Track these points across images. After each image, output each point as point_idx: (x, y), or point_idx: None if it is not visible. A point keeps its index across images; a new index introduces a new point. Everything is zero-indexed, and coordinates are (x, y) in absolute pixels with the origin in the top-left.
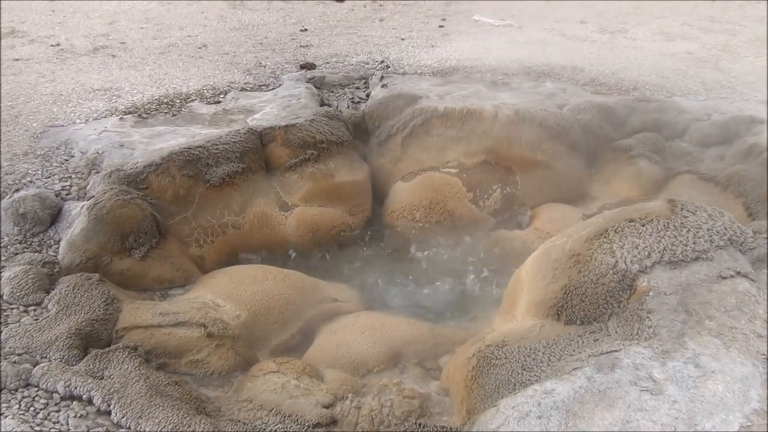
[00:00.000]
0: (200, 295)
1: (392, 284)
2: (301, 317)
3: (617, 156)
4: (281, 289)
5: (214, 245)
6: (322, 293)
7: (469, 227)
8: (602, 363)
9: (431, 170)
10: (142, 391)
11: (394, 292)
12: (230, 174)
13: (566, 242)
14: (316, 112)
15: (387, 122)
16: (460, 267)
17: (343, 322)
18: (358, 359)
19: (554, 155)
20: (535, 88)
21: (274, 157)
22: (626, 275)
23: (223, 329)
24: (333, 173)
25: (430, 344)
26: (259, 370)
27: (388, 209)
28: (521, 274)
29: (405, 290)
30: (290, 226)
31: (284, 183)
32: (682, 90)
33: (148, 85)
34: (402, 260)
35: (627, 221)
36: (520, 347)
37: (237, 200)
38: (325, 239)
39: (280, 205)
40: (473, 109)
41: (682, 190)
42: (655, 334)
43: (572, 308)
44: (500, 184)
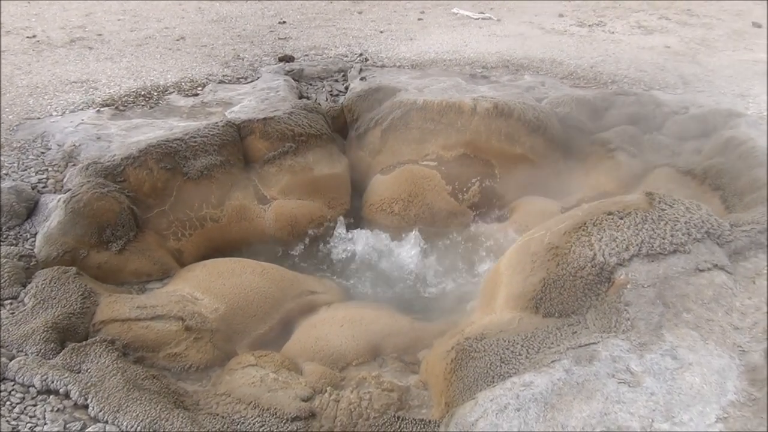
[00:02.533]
0: (178, 288)
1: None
2: (280, 310)
3: (596, 149)
4: (259, 282)
5: (192, 238)
6: (300, 286)
7: (448, 220)
8: (580, 355)
9: (410, 163)
10: (119, 385)
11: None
12: (208, 167)
13: (545, 235)
14: (294, 104)
15: (366, 115)
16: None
17: (322, 315)
18: (337, 352)
19: (533, 148)
20: (513, 82)
21: (253, 150)
22: (604, 268)
23: (202, 323)
24: (311, 166)
25: (409, 337)
26: (237, 363)
27: (366, 202)
28: (500, 267)
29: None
30: (269, 219)
31: (263, 176)
32: (659, 83)
33: (125, 77)
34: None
35: (605, 214)
36: (498, 340)
37: (215, 193)
38: (303, 232)
39: (259, 198)
40: (452, 102)
41: (660, 183)
42: (632, 327)
43: (551, 301)
44: (479, 178)
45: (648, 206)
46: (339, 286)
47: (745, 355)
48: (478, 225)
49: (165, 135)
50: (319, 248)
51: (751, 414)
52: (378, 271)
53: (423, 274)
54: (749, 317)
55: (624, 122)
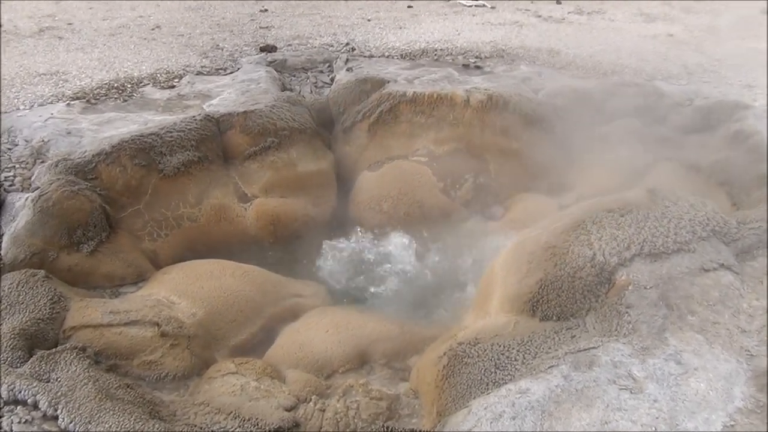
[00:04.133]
0: (154, 292)
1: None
2: (262, 315)
3: (595, 143)
4: (240, 285)
5: (168, 239)
6: (284, 289)
7: (441, 218)
8: (579, 361)
9: (400, 159)
10: (91, 395)
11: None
12: (185, 163)
13: (542, 234)
14: (277, 97)
15: (352, 108)
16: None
17: (306, 319)
18: (323, 359)
19: (529, 143)
20: (509, 72)
21: (233, 146)
22: (604, 268)
23: (178, 328)
24: (295, 162)
25: (398, 343)
26: (216, 371)
27: (354, 200)
28: (495, 268)
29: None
30: (250, 219)
31: (243, 173)
32: (663, 74)
33: (97, 68)
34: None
35: (605, 212)
36: (493, 345)
37: (193, 191)
38: (286, 232)
39: (239, 197)
40: (444, 94)
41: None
42: (634, 330)
43: (548, 303)
44: (473, 174)
45: (650, 203)
46: (325, 290)
47: (753, 359)
48: (471, 224)
49: (139, 130)
50: (303, 249)
51: (760, 421)
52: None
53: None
54: (757, 320)
55: (625, 115)
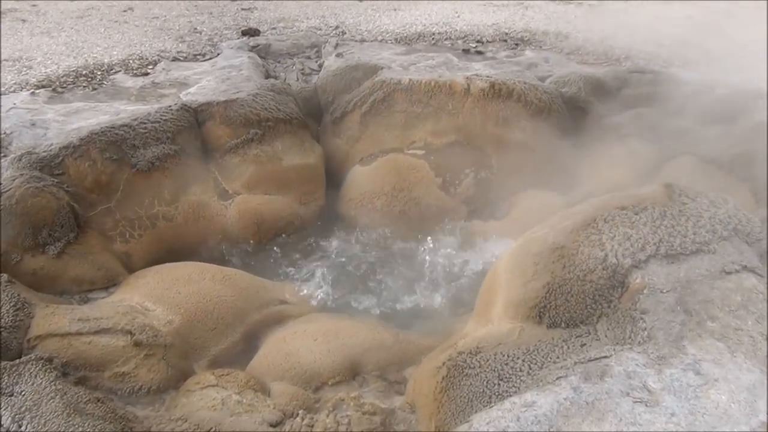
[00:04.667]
0: (126, 297)
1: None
2: (244, 322)
3: (607, 135)
4: (221, 290)
5: (142, 240)
6: (268, 294)
7: (439, 217)
8: (590, 371)
9: (394, 152)
10: (58, 410)
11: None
12: (160, 157)
13: (549, 234)
14: (260, 85)
15: (343, 97)
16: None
17: (292, 327)
18: (311, 370)
19: (535, 134)
20: (513, 58)
21: (212, 138)
22: (617, 271)
23: (153, 337)
24: (280, 156)
25: (393, 352)
26: (195, 383)
27: (344, 197)
28: (497, 271)
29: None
30: (231, 218)
31: (224, 167)
32: (680, 60)
33: (64, 54)
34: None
35: (618, 209)
36: (496, 354)
37: (168, 188)
38: (271, 232)
39: (219, 194)
40: (442, 81)
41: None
42: (650, 338)
43: (556, 309)
44: (473, 168)
45: (667, 200)
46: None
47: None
48: (472, 222)
49: (110, 121)
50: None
51: None
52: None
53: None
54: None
55: (639, 104)
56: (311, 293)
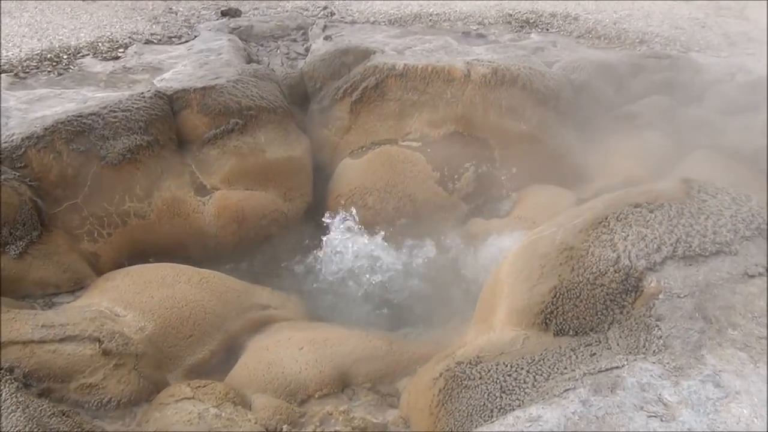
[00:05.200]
0: (94, 302)
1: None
2: (224, 329)
3: (620, 126)
4: (197, 294)
5: (111, 239)
6: (250, 299)
7: (436, 215)
8: (601, 383)
9: (387, 144)
10: (20, 424)
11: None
12: (132, 149)
13: (556, 233)
14: (241, 70)
15: (331, 84)
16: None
17: (276, 335)
18: (296, 381)
19: (541, 125)
20: (517, 41)
21: (189, 128)
22: (631, 273)
23: (124, 345)
24: (263, 148)
25: (386, 362)
26: (169, 396)
27: (333, 193)
28: (500, 274)
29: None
30: (209, 215)
31: (201, 160)
32: (699, 44)
33: (27, 36)
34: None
35: (632, 206)
36: (498, 364)
37: (141, 182)
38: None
39: (196, 189)
40: (440, 67)
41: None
42: (666, 347)
43: (564, 315)
44: (474, 162)
45: (685, 196)
46: (299, 300)
47: None
48: (472, 221)
49: (77, 109)
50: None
51: None
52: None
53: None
54: None
55: (655, 92)
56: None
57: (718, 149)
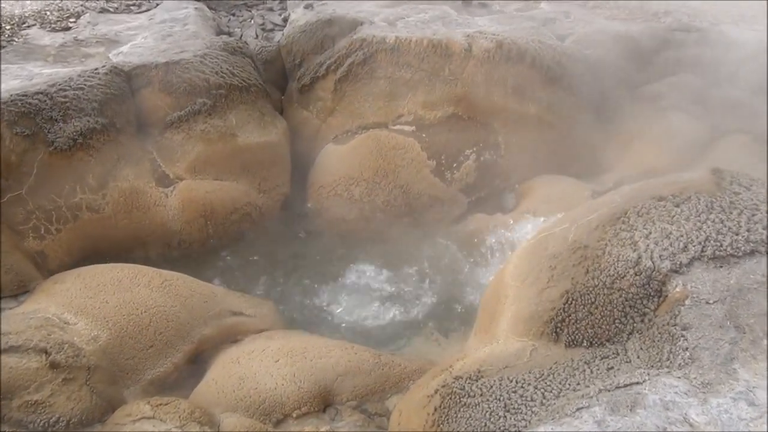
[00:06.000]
0: (41, 307)
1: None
2: (189, 339)
3: (642, 108)
4: (159, 298)
5: (60, 236)
6: (219, 305)
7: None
8: (618, 401)
9: (377, 128)
10: None
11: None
12: (84, 133)
13: (569, 230)
14: (210, 43)
15: (313, 59)
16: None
17: (249, 345)
18: (271, 399)
19: (552, 107)
20: (525, 11)
21: (150, 109)
22: (653, 276)
23: (74, 357)
24: (234, 132)
25: (374, 377)
26: (126, 415)
27: (314, 184)
28: (505, 277)
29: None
30: (172, 209)
31: (164, 146)
32: (732, 15)
33: None
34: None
35: (654, 200)
36: (502, 380)
37: (95, 171)
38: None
39: (158, 178)
40: (437, 40)
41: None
42: (693, 360)
43: (576, 324)
44: (475, 149)
45: (715, 188)
46: (274, 306)
47: None
48: (473, 216)
49: (22, 87)
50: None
51: None
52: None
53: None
54: None
55: (682, 70)
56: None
57: (753, 135)
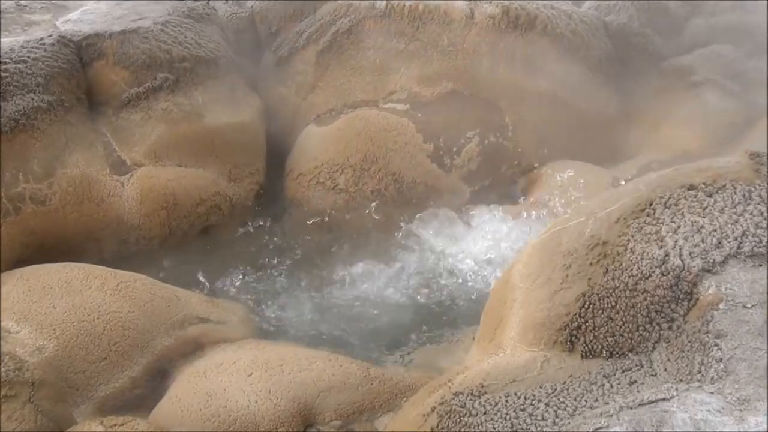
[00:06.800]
0: None
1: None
2: (148, 349)
3: (670, 83)
4: (113, 303)
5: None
6: (183, 310)
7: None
8: (643, 419)
9: (365, 106)
10: None
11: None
12: (27, 113)
13: (586, 223)
14: (172, 10)
15: (292, 27)
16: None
17: (217, 357)
18: (244, 418)
19: (567, 82)
20: None
21: (103, 85)
22: (682, 276)
23: (16, 370)
24: (201, 111)
25: (362, 393)
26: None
27: (293, 171)
28: (512, 277)
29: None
30: (129, 199)
31: (119, 128)
32: None
33: None
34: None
35: (684, 189)
36: (509, 396)
37: (39, 157)
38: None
39: (113, 165)
40: (434, 6)
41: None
42: (727, 373)
43: (594, 331)
44: (479, 130)
45: (753, 175)
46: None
47: None
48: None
49: None
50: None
51: None
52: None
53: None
54: None
55: (716, 40)
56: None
57: None
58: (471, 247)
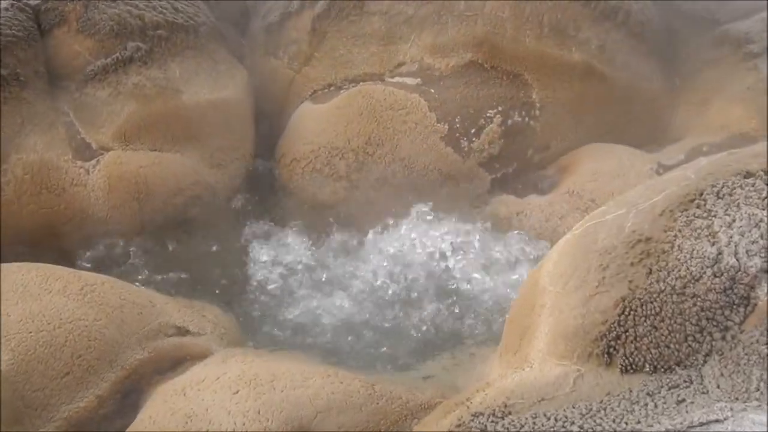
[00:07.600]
0: None
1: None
2: (118, 363)
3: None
4: (77, 309)
5: None
6: (157, 318)
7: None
8: None
9: (369, 80)
10: None
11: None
12: None
13: (625, 217)
14: None
15: None
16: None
17: (198, 372)
18: None
19: (604, 52)
20: None
21: (65, 57)
22: (738, 278)
23: None
24: (178, 86)
25: (366, 413)
26: None
27: (285, 155)
28: (540, 280)
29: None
30: (96, 188)
31: (84, 105)
32: None
33: None
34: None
35: (740, 177)
36: (536, 417)
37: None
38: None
39: (76, 149)
40: None
41: None
42: None
43: (636, 342)
44: (501, 108)
45: None
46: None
47: None
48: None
49: None
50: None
51: None
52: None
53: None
54: None
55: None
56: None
57: None
58: (491, 245)
